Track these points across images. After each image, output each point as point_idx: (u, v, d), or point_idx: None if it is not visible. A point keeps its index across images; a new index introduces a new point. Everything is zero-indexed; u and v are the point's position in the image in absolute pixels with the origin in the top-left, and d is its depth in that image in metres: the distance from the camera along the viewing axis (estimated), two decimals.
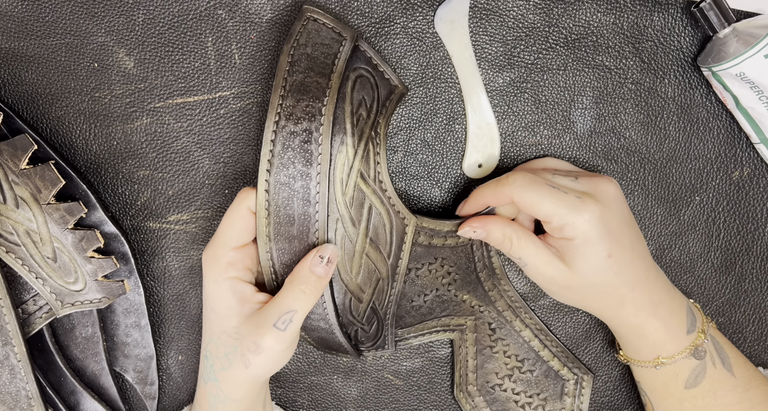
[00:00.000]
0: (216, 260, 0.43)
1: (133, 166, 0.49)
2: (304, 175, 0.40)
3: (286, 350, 0.42)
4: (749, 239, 0.49)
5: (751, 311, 0.50)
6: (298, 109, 0.40)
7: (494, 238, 0.43)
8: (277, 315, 0.41)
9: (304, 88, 0.41)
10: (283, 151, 0.40)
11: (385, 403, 0.52)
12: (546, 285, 0.44)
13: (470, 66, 0.47)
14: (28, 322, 0.47)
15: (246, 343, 0.42)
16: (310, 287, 0.41)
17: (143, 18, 0.47)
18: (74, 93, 0.48)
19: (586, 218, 0.41)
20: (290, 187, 0.40)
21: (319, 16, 0.42)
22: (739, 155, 0.48)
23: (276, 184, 0.40)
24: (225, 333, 0.43)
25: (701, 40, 0.47)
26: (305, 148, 0.40)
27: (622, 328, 0.44)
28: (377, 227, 0.43)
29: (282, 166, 0.40)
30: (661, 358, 0.44)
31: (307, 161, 0.40)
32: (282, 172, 0.40)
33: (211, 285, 0.43)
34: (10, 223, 0.44)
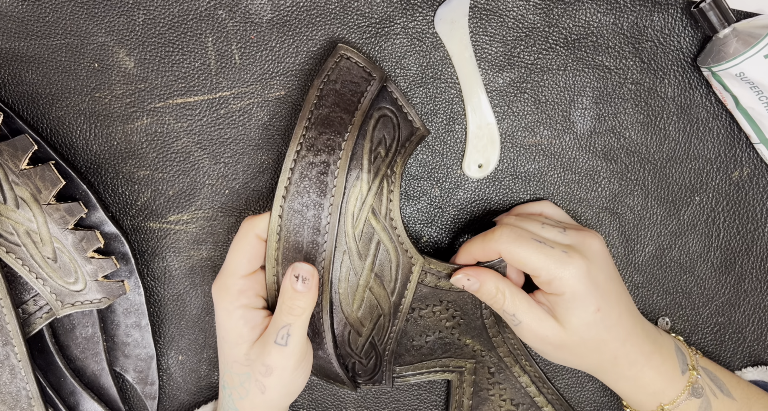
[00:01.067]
0: (226, 290, 0.43)
1: (134, 166, 0.49)
2: (317, 205, 0.41)
3: (297, 369, 0.43)
4: (749, 239, 0.49)
5: (751, 311, 0.50)
6: (319, 142, 0.42)
7: (487, 291, 0.44)
8: (275, 331, 0.42)
9: (329, 122, 0.42)
10: (300, 180, 0.41)
11: (385, 403, 0.52)
12: (540, 346, 0.44)
13: (470, 66, 0.47)
14: (28, 322, 0.47)
15: (256, 367, 0.42)
16: (297, 302, 0.42)
17: (143, 18, 0.47)
18: (74, 93, 0.48)
19: (573, 273, 0.41)
20: (302, 215, 0.41)
21: (353, 54, 0.44)
22: (738, 155, 0.48)
23: (289, 210, 0.41)
24: (237, 362, 0.44)
25: (701, 40, 0.47)
26: (321, 179, 0.41)
27: (620, 384, 0.45)
28: (383, 263, 0.44)
29: (297, 194, 0.41)
30: (663, 404, 0.44)
31: (322, 192, 0.41)
32: (296, 200, 0.41)
33: (222, 315, 0.43)
34: (10, 223, 0.44)
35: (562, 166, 0.48)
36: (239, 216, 0.49)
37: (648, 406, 0.45)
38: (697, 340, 0.50)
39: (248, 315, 0.43)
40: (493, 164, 0.48)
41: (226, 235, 0.49)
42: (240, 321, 0.43)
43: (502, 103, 0.48)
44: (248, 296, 0.43)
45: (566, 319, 0.42)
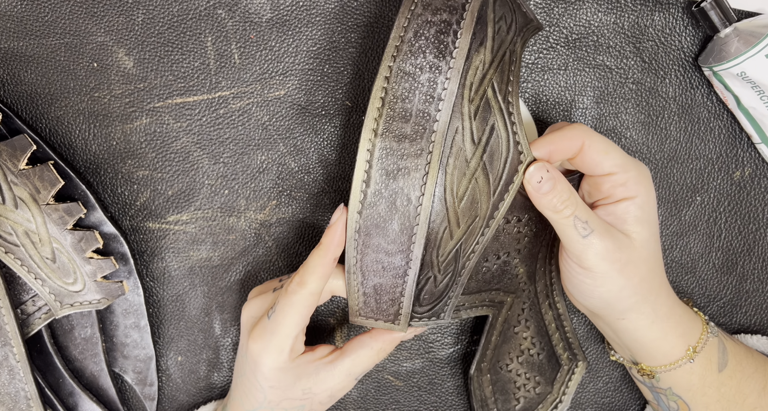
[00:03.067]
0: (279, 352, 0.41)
1: (133, 166, 0.48)
2: (434, 67, 0.36)
3: None
4: (751, 240, 0.49)
5: (753, 312, 0.50)
6: (438, 1, 0.37)
7: (560, 191, 0.39)
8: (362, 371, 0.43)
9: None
10: (415, 39, 0.36)
11: (386, 404, 0.52)
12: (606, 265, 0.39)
13: None
14: (27, 322, 0.46)
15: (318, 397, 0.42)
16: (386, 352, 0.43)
17: (143, 18, 0.47)
18: (73, 93, 0.48)
19: (647, 174, 0.40)
20: (415, 78, 0.36)
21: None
22: (740, 155, 0.48)
23: (399, 72, 0.36)
24: (289, 399, 0.42)
25: (702, 39, 0.46)
26: (441, 38, 0.36)
27: (655, 326, 0.41)
28: (494, 152, 0.38)
29: (410, 54, 0.36)
30: (692, 345, 0.42)
31: (440, 53, 0.36)
32: (409, 61, 0.36)
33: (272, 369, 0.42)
34: (9, 223, 0.44)
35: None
36: (239, 216, 0.49)
37: (676, 351, 0.42)
38: None
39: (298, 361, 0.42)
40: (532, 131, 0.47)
41: (226, 235, 0.49)
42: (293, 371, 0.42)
43: None
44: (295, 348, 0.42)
45: (636, 230, 0.40)
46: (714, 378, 0.42)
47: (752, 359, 0.44)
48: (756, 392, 0.43)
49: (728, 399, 0.43)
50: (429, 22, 0.36)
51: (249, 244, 0.49)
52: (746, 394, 0.43)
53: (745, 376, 0.43)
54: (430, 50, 0.36)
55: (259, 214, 0.49)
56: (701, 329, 0.43)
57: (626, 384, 0.51)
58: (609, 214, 0.40)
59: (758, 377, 0.43)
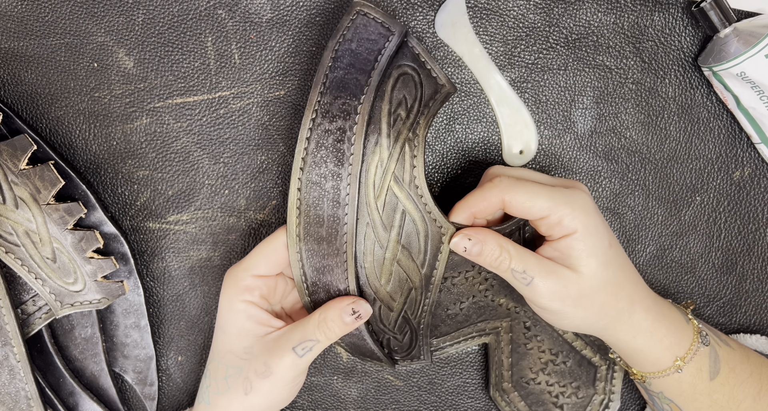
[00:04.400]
0: (235, 282, 0.42)
1: (133, 166, 0.48)
2: (335, 175, 0.39)
3: (293, 383, 0.41)
4: (750, 240, 0.49)
5: (753, 312, 0.50)
6: (334, 107, 0.40)
7: (490, 250, 0.40)
8: (299, 340, 0.40)
9: (344, 85, 0.40)
10: (317, 150, 0.39)
11: (386, 404, 0.52)
12: (557, 304, 0.40)
13: (483, 61, 0.46)
14: (27, 322, 0.46)
15: (254, 364, 0.41)
16: (335, 327, 0.41)
17: (143, 18, 0.47)
18: (74, 93, 0.48)
19: (581, 205, 0.39)
20: (321, 186, 0.40)
21: (369, 10, 0.40)
22: (740, 155, 0.48)
23: (308, 182, 0.40)
24: (231, 352, 0.42)
25: (702, 39, 0.46)
26: (338, 147, 0.39)
27: (637, 341, 0.42)
28: (410, 234, 0.42)
29: (314, 165, 0.40)
30: (680, 357, 0.42)
31: (339, 161, 0.39)
32: (314, 171, 0.40)
33: (225, 305, 0.43)
34: (9, 223, 0.44)
35: (563, 166, 0.48)
36: (239, 216, 0.49)
37: (664, 362, 0.42)
38: None
39: (251, 311, 0.42)
40: (533, 147, 0.47)
41: (226, 235, 0.49)
42: (242, 314, 0.42)
43: None
44: (253, 295, 0.42)
45: (582, 263, 0.39)
46: (705, 385, 0.42)
47: (747, 364, 0.43)
48: (751, 397, 0.42)
49: (721, 405, 0.42)
50: (327, 131, 0.39)
51: (249, 244, 0.49)
52: (740, 399, 0.42)
53: (739, 382, 0.42)
54: (330, 159, 0.39)
55: (259, 214, 0.49)
56: (691, 339, 0.42)
57: (626, 385, 0.51)
58: (555, 250, 0.41)
59: (753, 382, 0.43)
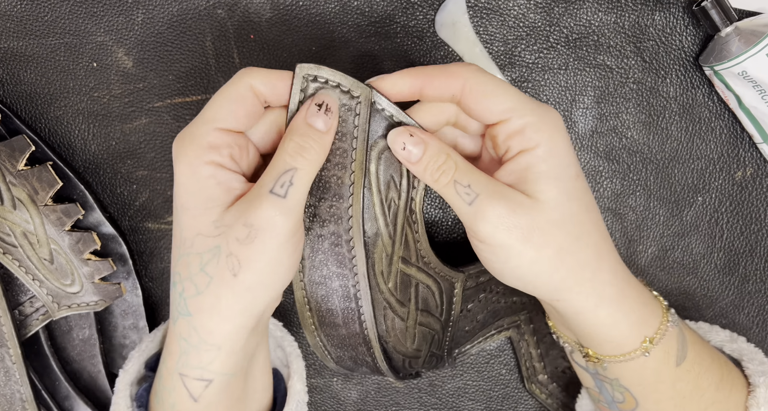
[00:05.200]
0: (193, 140, 0.32)
1: (132, 166, 0.48)
2: (340, 275, 0.36)
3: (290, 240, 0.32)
4: (753, 240, 0.49)
5: (755, 313, 0.49)
6: (321, 210, 0.36)
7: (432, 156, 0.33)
8: (273, 179, 0.31)
9: (324, 184, 0.36)
10: (313, 254, 0.36)
11: (386, 406, 0.52)
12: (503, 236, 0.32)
13: (483, 60, 0.46)
14: (24, 324, 0.46)
15: (233, 232, 0.31)
16: (310, 141, 0.32)
17: (142, 17, 0.46)
18: (73, 93, 0.47)
19: (551, 119, 0.32)
20: (327, 286, 0.37)
21: (321, 72, 0.34)
22: (741, 155, 0.48)
23: (311, 283, 0.37)
24: (200, 234, 0.32)
25: (703, 39, 0.46)
26: (336, 250, 0.36)
27: (600, 312, 0.35)
28: (426, 298, 0.40)
29: (314, 268, 0.36)
30: (648, 337, 0.35)
31: (341, 263, 0.36)
32: (315, 273, 0.36)
33: (184, 171, 0.32)
34: (7, 224, 0.44)
35: None
36: None
37: (629, 343, 0.35)
38: None
39: (221, 174, 0.32)
40: None
41: None
42: (209, 180, 0.32)
43: None
44: (222, 154, 0.32)
45: (540, 188, 0.32)
46: (670, 373, 0.36)
47: (708, 347, 0.39)
48: (714, 385, 0.37)
49: (683, 396, 0.37)
50: (320, 236, 0.36)
51: None
52: (703, 388, 0.37)
53: (704, 368, 0.37)
54: (331, 262, 0.36)
55: None
56: (660, 317, 0.36)
57: None
58: (510, 172, 0.33)
59: (715, 369, 0.37)
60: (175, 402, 0.34)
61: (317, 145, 0.32)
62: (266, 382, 0.39)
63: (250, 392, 0.37)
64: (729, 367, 0.39)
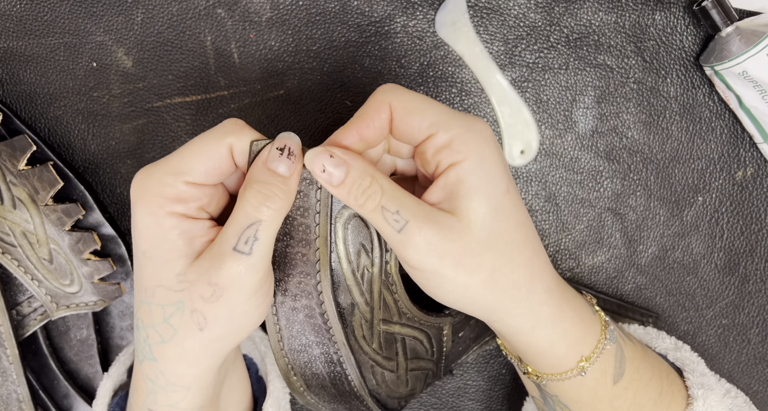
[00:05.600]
0: (159, 188, 0.31)
1: (132, 166, 0.48)
2: (320, 344, 0.36)
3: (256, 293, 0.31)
4: (753, 240, 0.48)
5: (756, 313, 0.49)
6: (292, 285, 0.35)
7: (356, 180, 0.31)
8: (236, 234, 0.30)
9: (289, 260, 0.34)
10: (290, 325, 0.35)
11: None
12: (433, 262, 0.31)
13: (484, 60, 0.46)
14: (22, 323, 0.46)
15: (197, 290, 0.30)
16: (273, 189, 0.30)
17: (142, 17, 0.46)
18: (72, 92, 0.47)
19: (479, 130, 0.31)
20: (308, 353, 0.36)
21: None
22: (742, 155, 0.48)
23: (292, 351, 0.36)
24: (162, 286, 0.31)
25: (703, 39, 0.46)
26: (312, 322, 0.35)
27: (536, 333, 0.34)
28: (414, 347, 0.39)
29: (293, 337, 0.36)
30: (584, 356, 0.35)
31: (319, 333, 0.35)
32: (295, 342, 0.36)
33: (146, 219, 0.31)
34: (6, 224, 0.44)
35: (564, 166, 0.48)
36: None
37: (566, 362, 0.35)
38: (700, 343, 0.50)
39: (184, 224, 0.31)
40: (534, 147, 0.47)
41: None
42: (172, 231, 0.31)
43: None
44: (189, 207, 0.31)
45: (471, 206, 0.31)
46: (607, 391, 0.36)
47: (648, 362, 0.38)
48: (652, 401, 0.37)
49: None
50: (294, 308, 0.35)
51: None
52: (641, 405, 0.36)
53: (642, 384, 0.36)
54: (309, 331, 0.35)
55: None
56: (598, 335, 0.35)
57: None
58: (441, 188, 0.32)
59: (654, 384, 0.37)
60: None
61: (281, 193, 0.31)
62: (242, 395, 0.40)
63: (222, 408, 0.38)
64: (669, 380, 0.38)
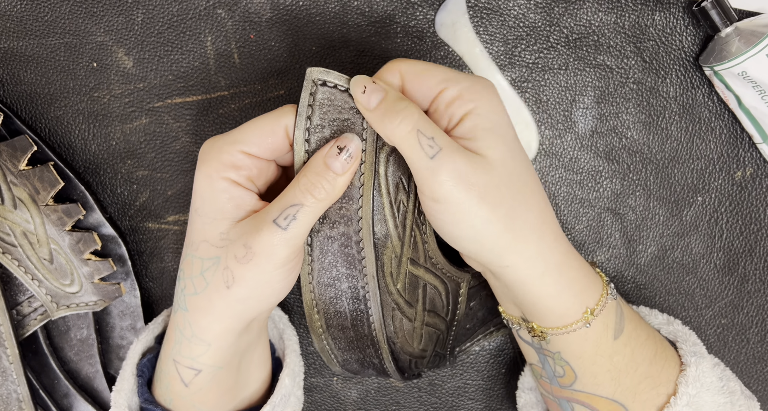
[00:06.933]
0: (218, 154, 0.35)
1: (132, 167, 0.48)
2: (349, 277, 0.37)
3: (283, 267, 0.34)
4: (752, 240, 0.49)
5: (755, 313, 0.49)
6: (331, 212, 0.36)
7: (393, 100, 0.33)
8: (279, 209, 0.33)
9: None
10: (323, 256, 0.37)
11: (386, 405, 0.51)
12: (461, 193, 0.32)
13: (484, 61, 0.46)
14: (22, 323, 0.46)
15: (233, 249, 0.34)
16: (322, 181, 0.34)
17: (142, 17, 0.47)
18: (73, 93, 0.47)
19: (483, 84, 0.34)
20: (335, 287, 0.37)
21: (329, 77, 0.35)
22: (741, 155, 0.48)
23: (320, 285, 0.37)
24: (206, 241, 0.35)
25: (703, 39, 0.46)
26: (346, 251, 0.36)
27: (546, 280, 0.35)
28: (433, 299, 0.40)
29: (323, 270, 0.37)
30: (590, 308, 0.36)
31: (350, 264, 0.37)
32: (325, 275, 0.37)
33: (203, 181, 0.35)
34: (7, 224, 0.44)
35: (563, 166, 0.48)
36: None
37: (571, 313, 0.36)
38: None
39: (234, 191, 0.35)
40: (534, 147, 0.47)
41: None
42: (223, 194, 0.35)
43: None
44: (240, 174, 0.35)
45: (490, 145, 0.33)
46: (608, 346, 0.38)
47: (644, 324, 0.40)
48: (647, 360, 0.38)
49: (619, 369, 0.38)
50: (330, 237, 0.36)
51: None
52: (638, 362, 0.38)
53: (639, 343, 0.38)
54: (340, 263, 0.37)
55: None
56: (601, 289, 0.37)
57: None
58: (458, 137, 0.34)
59: (650, 345, 0.39)
60: (169, 383, 0.38)
61: (329, 186, 0.34)
62: (262, 374, 0.41)
63: (242, 383, 0.39)
64: (663, 345, 0.40)
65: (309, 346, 0.51)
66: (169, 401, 0.38)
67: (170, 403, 0.38)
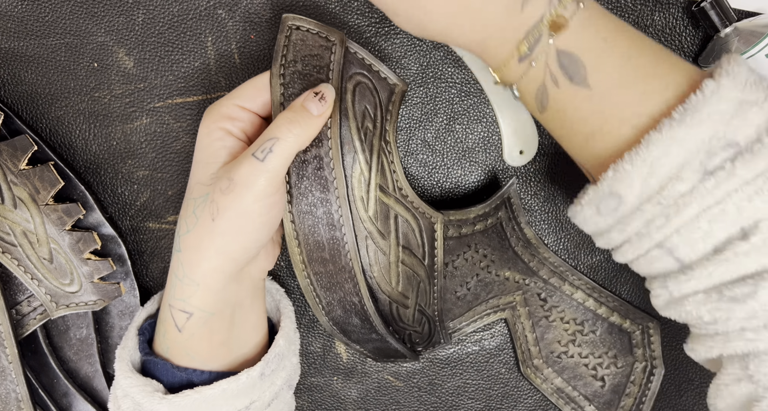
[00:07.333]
0: (217, 108, 0.40)
1: (133, 167, 0.48)
2: (324, 201, 0.39)
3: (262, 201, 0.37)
4: None
5: None
6: None
7: None
8: (258, 144, 0.37)
9: None
10: (299, 181, 0.39)
11: (386, 404, 0.51)
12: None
13: None
14: (22, 323, 0.46)
15: (219, 183, 0.37)
16: (299, 117, 0.37)
17: (143, 17, 0.47)
18: (74, 93, 0.47)
19: None
20: (313, 214, 0.40)
21: (302, 22, 0.41)
22: None
23: (299, 213, 0.40)
24: (200, 182, 0.39)
25: (702, 39, 0.46)
26: (319, 174, 0.39)
27: None
28: (407, 234, 0.43)
29: (301, 196, 0.39)
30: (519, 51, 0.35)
31: (324, 188, 0.39)
32: (302, 202, 0.39)
33: (202, 132, 0.40)
34: (7, 223, 0.44)
35: (563, 166, 0.48)
36: None
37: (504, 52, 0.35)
38: None
39: (228, 140, 0.39)
40: (534, 147, 0.47)
41: None
42: (218, 142, 0.39)
43: None
44: (234, 125, 0.39)
45: None
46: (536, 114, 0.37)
47: None
48: None
49: None
50: (304, 161, 0.39)
51: None
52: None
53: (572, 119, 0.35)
54: (315, 187, 0.39)
55: None
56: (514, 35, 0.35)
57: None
58: None
59: None
60: (165, 330, 0.40)
61: (304, 122, 0.37)
62: (257, 336, 0.43)
63: (236, 341, 0.41)
64: None
65: (309, 346, 0.51)
66: (166, 349, 0.40)
67: (167, 351, 0.40)
